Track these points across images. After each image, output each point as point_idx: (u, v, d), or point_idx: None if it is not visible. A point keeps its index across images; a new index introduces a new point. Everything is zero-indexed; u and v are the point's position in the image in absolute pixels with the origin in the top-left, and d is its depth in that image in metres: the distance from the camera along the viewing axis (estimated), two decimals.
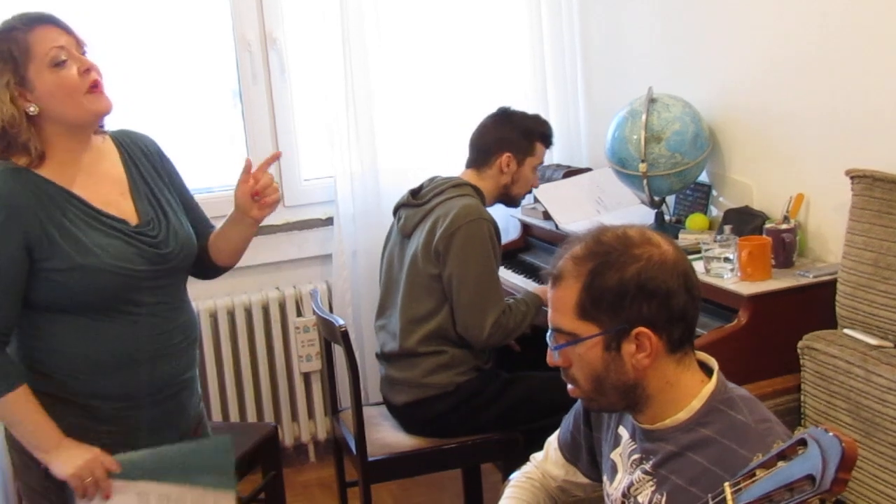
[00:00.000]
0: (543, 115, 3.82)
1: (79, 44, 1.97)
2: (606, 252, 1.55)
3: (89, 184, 2.01)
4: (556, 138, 3.89)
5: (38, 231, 1.90)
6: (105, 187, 2.04)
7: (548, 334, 1.62)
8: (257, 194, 2.11)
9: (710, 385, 1.57)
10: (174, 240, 2.08)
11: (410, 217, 2.94)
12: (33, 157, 1.93)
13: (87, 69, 1.94)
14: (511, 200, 3.11)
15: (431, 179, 3.02)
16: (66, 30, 1.96)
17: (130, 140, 2.14)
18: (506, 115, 3.07)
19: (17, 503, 3.25)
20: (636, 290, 1.52)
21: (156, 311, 2.05)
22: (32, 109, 1.91)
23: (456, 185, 2.93)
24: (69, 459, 1.93)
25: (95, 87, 1.95)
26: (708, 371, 1.61)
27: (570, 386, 1.64)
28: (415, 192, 3.01)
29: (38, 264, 1.92)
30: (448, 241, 2.77)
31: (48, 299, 1.95)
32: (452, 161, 3.32)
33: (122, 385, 2.02)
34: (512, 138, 3.01)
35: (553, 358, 1.61)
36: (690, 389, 1.56)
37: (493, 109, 3.16)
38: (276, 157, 2.15)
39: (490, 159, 3.00)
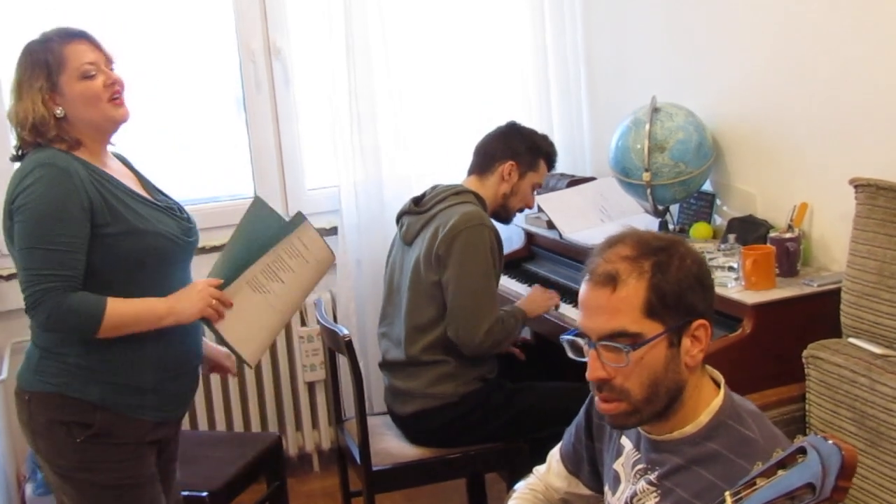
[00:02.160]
0: (547, 125, 3.86)
1: (108, 60, 2.21)
2: (661, 248, 1.54)
3: (115, 173, 2.23)
4: (559, 147, 3.90)
5: (98, 198, 2.10)
6: (125, 179, 2.25)
7: (592, 345, 1.54)
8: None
9: (718, 399, 1.56)
10: (192, 220, 2.34)
11: (412, 224, 2.94)
12: (69, 144, 2.15)
13: (112, 83, 2.18)
14: (505, 213, 3.09)
15: (433, 187, 3.03)
16: (98, 46, 2.20)
17: (130, 161, 2.39)
18: (515, 128, 3.09)
19: (17, 491, 3.27)
20: (695, 282, 1.53)
21: (176, 288, 2.22)
22: (59, 112, 2.13)
23: (457, 192, 2.93)
24: (187, 306, 2.17)
25: (116, 98, 2.19)
26: (715, 384, 1.61)
27: (606, 404, 1.55)
28: (417, 200, 3.01)
29: (96, 230, 2.09)
30: (448, 245, 2.77)
31: (96, 264, 2.10)
32: (457, 170, 3.32)
33: (161, 355, 2.21)
34: (518, 149, 3.02)
35: (602, 369, 1.52)
36: (707, 397, 1.57)
37: (496, 119, 3.18)
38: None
39: (493, 165, 3.01)
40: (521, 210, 3.16)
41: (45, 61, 2.12)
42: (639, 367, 1.51)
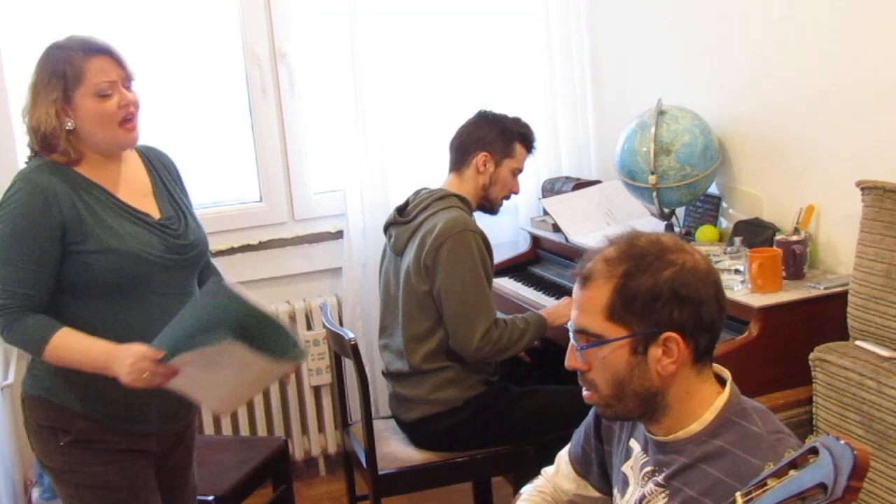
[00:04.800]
0: (553, 128, 3.85)
1: (127, 77, 2.16)
2: (641, 255, 1.54)
3: (118, 184, 2.20)
4: (565, 151, 3.92)
5: (73, 216, 2.08)
6: (131, 188, 2.23)
7: (571, 335, 1.60)
8: None
9: (723, 397, 1.56)
10: (192, 235, 2.27)
11: (400, 235, 2.92)
12: (70, 159, 2.13)
13: (127, 104, 2.14)
14: (490, 204, 3.03)
15: (416, 193, 3.00)
16: (119, 63, 2.14)
17: (154, 154, 2.35)
18: (484, 116, 3.03)
19: (23, 495, 3.27)
20: (669, 294, 1.51)
21: (169, 301, 2.19)
22: (70, 125, 2.11)
23: (440, 197, 2.90)
24: (120, 367, 2.05)
25: (128, 121, 2.15)
26: (721, 382, 1.61)
27: (585, 392, 1.61)
28: (401, 210, 2.99)
29: (71, 247, 2.08)
30: (435, 254, 2.75)
31: (75, 281, 2.11)
32: None
33: None
34: (488, 138, 2.96)
35: (576, 360, 1.59)
36: (706, 401, 1.56)
37: None
38: None
39: (467, 159, 2.97)
40: (506, 198, 3.07)
41: (63, 73, 2.09)
42: (602, 365, 1.55)
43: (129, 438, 2.20)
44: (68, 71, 2.09)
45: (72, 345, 2.07)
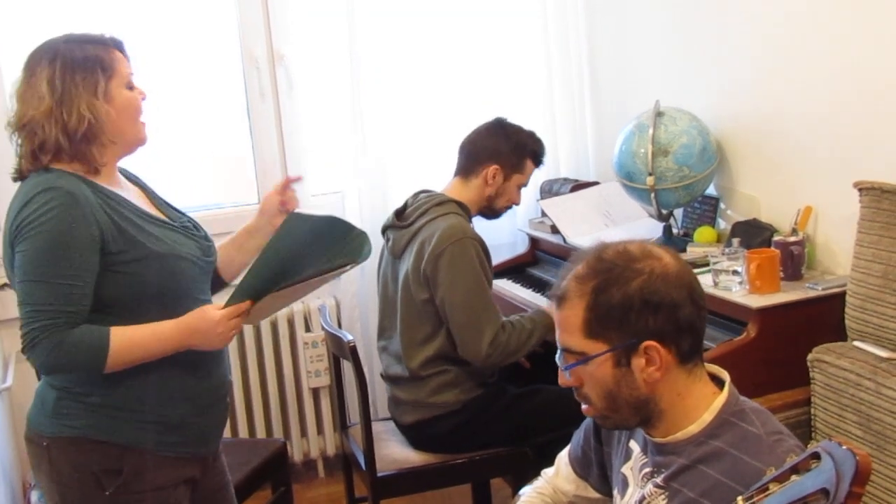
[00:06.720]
0: (551, 129, 3.85)
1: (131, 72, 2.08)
2: (608, 269, 1.55)
3: (127, 193, 2.07)
4: (563, 153, 3.93)
5: (111, 226, 1.92)
6: (136, 197, 2.10)
7: (557, 355, 1.62)
8: (283, 204, 2.27)
9: (722, 397, 1.57)
10: (209, 237, 2.18)
11: (398, 239, 2.91)
12: (89, 169, 1.97)
13: (144, 97, 2.07)
14: (492, 213, 3.03)
15: (415, 197, 2.98)
16: (128, 58, 2.07)
17: (134, 175, 2.22)
18: (500, 126, 3.00)
19: (22, 498, 3.26)
20: (641, 304, 1.52)
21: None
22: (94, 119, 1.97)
23: (439, 203, 2.87)
24: (206, 339, 1.97)
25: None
26: (719, 383, 1.61)
27: (584, 406, 1.64)
28: (399, 213, 2.97)
29: (111, 258, 1.91)
30: (434, 264, 2.73)
31: (121, 298, 1.94)
32: None
33: (190, 386, 2.05)
34: (503, 151, 2.94)
35: (565, 378, 1.61)
36: (702, 401, 1.57)
37: None
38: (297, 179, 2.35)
39: (477, 168, 2.95)
40: (507, 208, 3.06)
41: (101, 59, 1.97)
42: (591, 380, 1.58)
43: (185, 466, 2.07)
44: (105, 59, 1.98)
45: (133, 339, 1.91)
